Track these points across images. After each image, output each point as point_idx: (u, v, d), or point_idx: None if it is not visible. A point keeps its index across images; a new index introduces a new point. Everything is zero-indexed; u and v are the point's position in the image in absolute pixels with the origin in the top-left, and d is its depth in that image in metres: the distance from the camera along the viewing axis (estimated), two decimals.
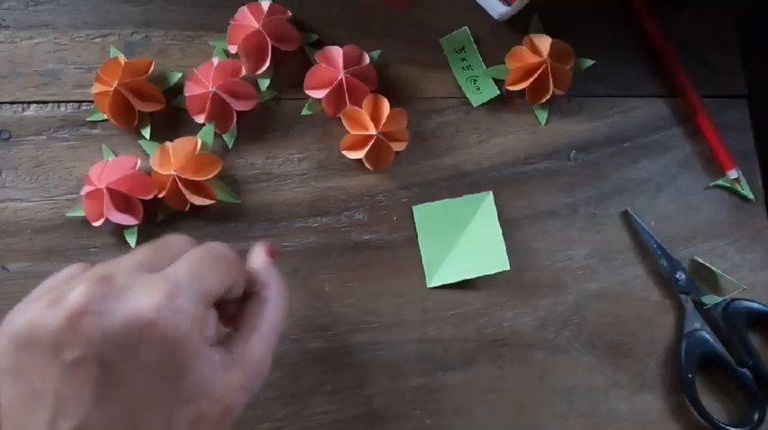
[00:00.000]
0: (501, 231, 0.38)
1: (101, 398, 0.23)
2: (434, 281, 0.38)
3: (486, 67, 0.41)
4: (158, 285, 0.24)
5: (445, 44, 0.40)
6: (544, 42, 0.39)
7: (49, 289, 0.26)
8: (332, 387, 0.37)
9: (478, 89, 0.40)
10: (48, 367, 0.23)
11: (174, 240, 0.28)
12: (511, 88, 0.40)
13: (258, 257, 0.30)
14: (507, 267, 0.38)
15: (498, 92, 0.40)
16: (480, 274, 0.38)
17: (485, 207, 0.39)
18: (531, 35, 0.40)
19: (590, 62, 0.41)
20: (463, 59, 0.40)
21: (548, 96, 0.39)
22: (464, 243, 0.39)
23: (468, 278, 0.38)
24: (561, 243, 0.39)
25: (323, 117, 0.40)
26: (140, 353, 0.23)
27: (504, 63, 0.40)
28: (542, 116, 0.40)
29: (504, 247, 0.38)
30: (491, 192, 0.39)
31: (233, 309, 0.28)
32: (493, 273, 0.38)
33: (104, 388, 0.23)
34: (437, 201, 0.39)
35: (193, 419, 0.24)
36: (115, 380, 0.23)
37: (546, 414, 0.38)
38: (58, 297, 0.24)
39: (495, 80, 0.41)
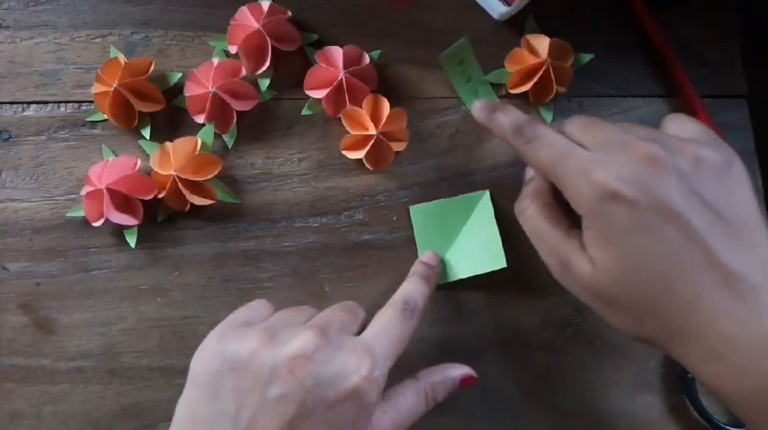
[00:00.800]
0: (497, 229, 0.38)
1: None
2: None
3: (487, 67, 0.40)
4: (364, 355, 0.28)
5: (445, 61, 0.37)
6: (542, 42, 0.39)
7: (245, 322, 0.29)
8: None
9: (478, 98, 0.40)
10: (250, 395, 0.26)
11: (354, 305, 0.32)
12: (513, 91, 0.40)
13: (455, 373, 0.32)
14: (504, 265, 0.38)
15: (498, 99, 0.40)
16: (478, 273, 0.38)
17: (481, 205, 0.39)
18: (528, 36, 0.39)
19: (589, 56, 0.40)
20: (463, 72, 0.39)
21: (551, 96, 0.39)
22: (461, 242, 0.39)
23: (465, 276, 0.38)
24: None
25: (323, 117, 0.40)
26: (335, 407, 0.26)
27: (503, 64, 0.40)
28: (548, 116, 0.40)
29: (501, 245, 0.38)
30: (487, 191, 0.39)
31: None
32: (490, 270, 0.38)
33: (292, 427, 0.25)
34: (433, 201, 0.39)
35: None
36: (304, 424, 0.25)
37: (546, 414, 0.38)
38: (275, 336, 0.27)
39: (495, 84, 0.40)
